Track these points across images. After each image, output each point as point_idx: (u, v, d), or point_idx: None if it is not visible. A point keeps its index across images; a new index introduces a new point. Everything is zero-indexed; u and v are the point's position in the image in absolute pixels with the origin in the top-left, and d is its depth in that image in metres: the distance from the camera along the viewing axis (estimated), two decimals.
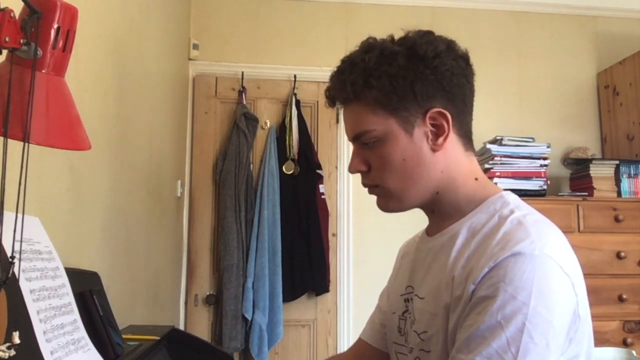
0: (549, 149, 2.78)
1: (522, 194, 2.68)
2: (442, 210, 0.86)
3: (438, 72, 0.80)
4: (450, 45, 0.83)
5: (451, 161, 0.83)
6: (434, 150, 0.82)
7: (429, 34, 0.83)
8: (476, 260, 0.74)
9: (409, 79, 0.79)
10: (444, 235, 0.84)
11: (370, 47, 0.83)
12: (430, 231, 0.90)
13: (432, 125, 0.82)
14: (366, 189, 0.88)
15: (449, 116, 0.81)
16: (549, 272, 0.70)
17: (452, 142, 0.83)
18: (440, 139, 0.82)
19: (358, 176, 0.90)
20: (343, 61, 0.85)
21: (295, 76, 3.02)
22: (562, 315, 0.70)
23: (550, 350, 0.67)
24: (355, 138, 0.86)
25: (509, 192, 0.85)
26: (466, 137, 0.86)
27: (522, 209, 0.80)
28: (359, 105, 0.83)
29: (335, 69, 0.86)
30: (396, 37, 0.85)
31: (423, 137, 0.82)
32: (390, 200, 0.86)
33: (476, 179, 0.86)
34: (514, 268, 0.69)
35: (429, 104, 0.81)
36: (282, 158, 2.92)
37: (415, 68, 0.79)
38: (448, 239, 0.83)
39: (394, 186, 0.83)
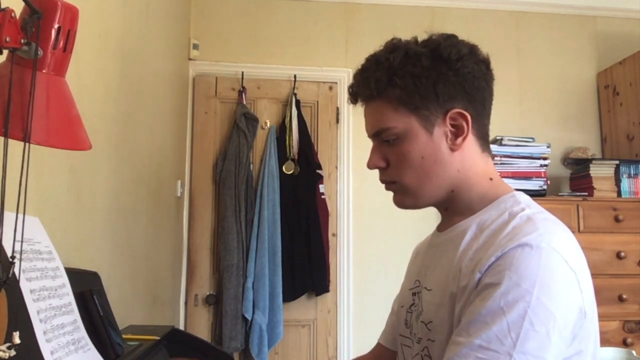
0: (549, 149, 2.78)
1: None
2: (455, 208, 0.88)
3: (460, 75, 0.83)
4: (472, 49, 0.86)
5: (467, 161, 0.86)
6: (452, 150, 0.84)
7: (452, 37, 0.86)
8: (484, 252, 0.75)
9: (432, 80, 0.82)
10: (454, 231, 0.87)
11: (394, 47, 0.85)
12: (441, 227, 0.93)
13: (452, 125, 0.84)
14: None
15: (469, 117, 0.84)
16: (554, 265, 0.71)
17: (470, 143, 0.86)
18: (459, 139, 0.84)
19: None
20: (367, 60, 0.88)
21: (295, 76, 3.02)
22: (565, 309, 0.70)
23: (550, 340, 0.67)
24: (375, 135, 0.88)
25: (521, 192, 0.87)
26: (483, 138, 0.88)
27: (533, 208, 0.82)
28: (381, 102, 0.85)
29: (360, 67, 0.89)
30: (420, 38, 0.87)
31: (442, 137, 0.84)
32: (406, 196, 0.88)
33: (491, 179, 0.88)
34: (519, 258, 0.70)
35: (449, 105, 0.83)
36: (282, 158, 2.92)
37: (438, 69, 0.82)
38: (457, 234, 0.85)
39: (411, 183, 0.85)
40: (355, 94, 0.89)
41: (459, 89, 0.83)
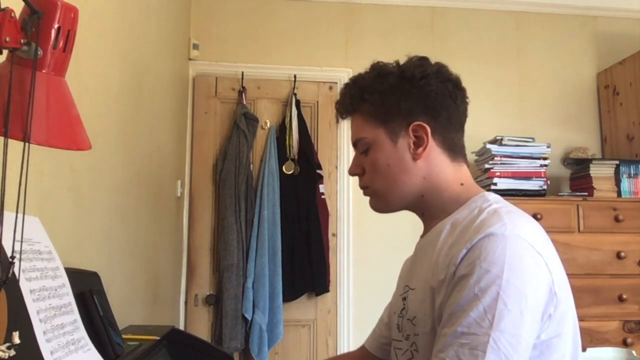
0: (549, 149, 2.78)
1: (522, 194, 2.69)
2: (430, 212, 0.96)
3: (423, 92, 0.92)
4: (440, 69, 0.95)
5: (434, 169, 0.94)
6: (414, 159, 0.93)
7: (423, 59, 0.96)
8: (457, 247, 0.81)
9: (397, 96, 0.93)
10: (432, 233, 0.94)
11: (373, 68, 0.97)
12: (422, 234, 1.00)
13: (414, 136, 0.93)
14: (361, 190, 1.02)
15: (429, 129, 0.92)
16: (520, 249, 0.77)
17: (435, 153, 0.94)
18: (420, 149, 0.93)
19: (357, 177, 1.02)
20: (350, 79, 1.00)
21: (295, 76, 3.02)
22: (535, 289, 0.75)
23: (523, 318, 0.73)
24: (354, 144, 1.00)
25: (491, 192, 0.94)
26: (452, 149, 0.96)
27: (500, 203, 0.89)
28: (358, 116, 0.98)
29: (344, 85, 1.01)
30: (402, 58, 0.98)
31: (406, 147, 0.93)
32: (378, 200, 0.99)
33: (462, 184, 0.95)
34: (487, 247, 0.76)
35: (411, 118, 0.93)
36: (282, 158, 2.92)
37: (402, 87, 0.93)
38: (435, 235, 0.91)
39: (379, 188, 0.96)
40: (338, 110, 1.02)
41: (421, 105, 0.92)
